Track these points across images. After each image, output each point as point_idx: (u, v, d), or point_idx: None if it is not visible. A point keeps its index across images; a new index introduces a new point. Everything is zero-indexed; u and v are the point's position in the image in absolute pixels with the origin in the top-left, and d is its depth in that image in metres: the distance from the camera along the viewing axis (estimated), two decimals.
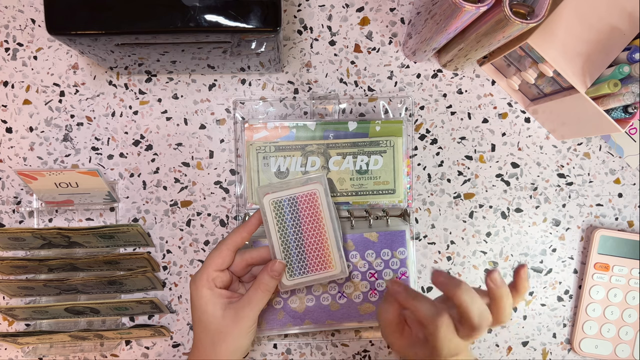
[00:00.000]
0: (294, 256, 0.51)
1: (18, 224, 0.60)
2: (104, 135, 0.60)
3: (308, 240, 0.51)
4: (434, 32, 0.50)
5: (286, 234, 0.51)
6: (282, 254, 0.51)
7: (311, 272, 0.51)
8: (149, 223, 0.60)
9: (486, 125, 0.62)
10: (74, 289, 0.57)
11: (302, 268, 0.51)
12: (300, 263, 0.51)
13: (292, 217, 0.51)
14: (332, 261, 0.51)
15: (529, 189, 0.62)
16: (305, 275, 0.51)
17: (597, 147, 0.63)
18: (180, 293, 0.60)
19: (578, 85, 0.50)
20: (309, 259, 0.51)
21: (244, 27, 0.44)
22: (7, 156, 0.59)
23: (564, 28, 0.50)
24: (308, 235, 0.51)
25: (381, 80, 0.61)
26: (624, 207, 0.63)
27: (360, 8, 0.61)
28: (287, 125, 0.57)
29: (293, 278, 0.51)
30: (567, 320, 0.62)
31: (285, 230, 0.51)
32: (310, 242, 0.51)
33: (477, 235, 0.62)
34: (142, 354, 0.60)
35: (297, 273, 0.51)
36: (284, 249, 0.51)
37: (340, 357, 0.61)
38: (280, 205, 0.51)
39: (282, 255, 0.51)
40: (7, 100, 0.59)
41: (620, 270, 0.61)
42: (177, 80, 0.60)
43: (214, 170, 0.60)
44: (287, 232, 0.51)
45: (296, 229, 0.51)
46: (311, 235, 0.51)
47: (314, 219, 0.51)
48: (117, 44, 0.47)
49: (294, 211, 0.51)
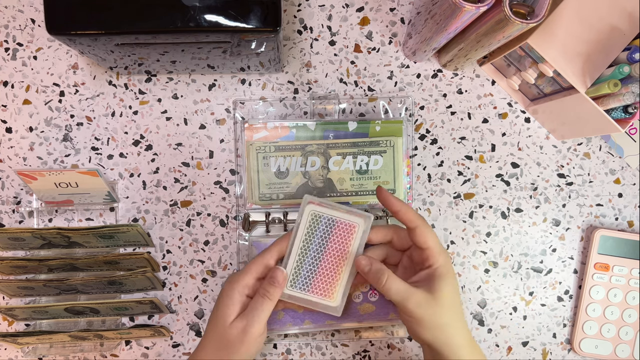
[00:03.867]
0: (304, 271, 0.50)
1: (18, 224, 0.60)
2: (104, 135, 0.60)
3: (324, 264, 0.50)
4: (434, 32, 0.50)
5: (308, 248, 0.50)
6: (294, 264, 0.50)
7: (312, 292, 0.50)
8: (149, 223, 0.60)
9: (486, 125, 0.62)
10: (73, 289, 0.57)
11: (305, 285, 0.50)
12: (306, 280, 0.50)
13: (322, 236, 0.50)
14: (335, 294, 0.50)
15: (529, 189, 0.62)
16: (305, 293, 0.50)
17: (597, 147, 0.63)
18: (180, 293, 0.60)
19: (578, 85, 0.50)
20: (316, 280, 0.50)
21: (244, 27, 0.44)
22: (7, 156, 0.59)
23: (564, 28, 0.50)
24: (327, 260, 0.50)
25: (381, 80, 0.61)
26: (624, 207, 0.63)
27: (360, 8, 0.61)
28: (287, 125, 0.57)
29: (292, 289, 0.50)
30: (567, 320, 0.62)
31: (309, 243, 0.50)
32: (325, 267, 0.50)
33: (477, 235, 0.62)
34: (142, 354, 0.60)
35: (298, 287, 0.50)
36: (299, 260, 0.50)
37: (340, 357, 0.61)
38: (317, 220, 0.50)
39: (293, 265, 0.50)
40: (7, 100, 0.59)
41: (620, 270, 0.61)
42: (177, 80, 0.60)
43: (214, 170, 0.60)
44: (310, 247, 0.50)
45: (319, 248, 0.50)
46: (330, 261, 0.50)
47: (340, 249, 0.50)
48: (117, 44, 0.47)
49: (326, 231, 0.50)
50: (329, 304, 0.50)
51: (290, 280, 0.50)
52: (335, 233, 0.50)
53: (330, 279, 0.50)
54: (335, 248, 0.50)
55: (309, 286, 0.50)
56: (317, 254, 0.50)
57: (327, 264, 0.50)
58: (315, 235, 0.50)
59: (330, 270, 0.50)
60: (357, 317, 0.57)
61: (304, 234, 0.50)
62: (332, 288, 0.50)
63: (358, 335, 0.60)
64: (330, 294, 0.50)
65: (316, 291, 0.50)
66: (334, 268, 0.50)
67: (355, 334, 0.60)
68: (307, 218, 0.50)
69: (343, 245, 0.50)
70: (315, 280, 0.50)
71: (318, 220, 0.50)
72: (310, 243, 0.50)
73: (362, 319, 0.57)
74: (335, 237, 0.50)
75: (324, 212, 0.50)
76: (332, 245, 0.50)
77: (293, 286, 0.50)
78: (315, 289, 0.50)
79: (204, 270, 0.60)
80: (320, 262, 0.50)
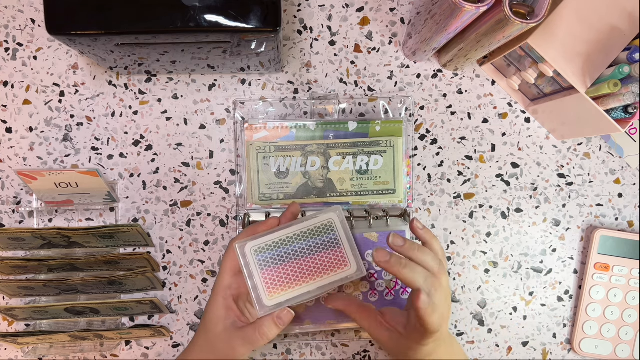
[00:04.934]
0: (271, 253, 0.50)
1: (18, 224, 0.60)
2: (104, 135, 0.60)
3: (294, 266, 0.50)
4: (434, 32, 0.50)
5: (294, 241, 0.50)
6: (269, 240, 0.49)
7: (262, 276, 0.49)
8: (149, 223, 0.60)
9: (486, 125, 0.62)
10: (73, 289, 0.57)
11: (262, 264, 0.49)
12: (267, 261, 0.49)
13: (316, 245, 0.50)
14: (277, 295, 0.49)
15: (529, 189, 0.62)
16: (258, 271, 0.49)
17: (597, 147, 0.63)
18: (180, 293, 0.60)
19: (578, 85, 0.50)
20: (273, 269, 0.49)
21: (244, 27, 0.44)
22: (7, 156, 0.59)
23: (564, 28, 0.50)
24: (300, 264, 0.50)
25: (381, 80, 0.61)
26: (624, 207, 0.63)
27: (360, 8, 0.61)
28: (287, 125, 0.57)
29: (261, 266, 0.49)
30: (567, 321, 0.62)
31: (299, 240, 0.50)
32: (293, 268, 0.50)
33: (477, 235, 0.62)
34: (142, 354, 0.60)
35: (258, 259, 0.49)
36: (276, 242, 0.49)
37: (340, 357, 0.61)
38: (326, 230, 0.51)
39: (268, 241, 0.49)
40: (7, 100, 0.59)
41: (620, 270, 0.61)
42: (177, 80, 0.60)
43: (214, 170, 0.60)
44: (296, 242, 0.50)
45: (303, 250, 0.50)
46: (301, 268, 0.50)
47: (319, 268, 0.50)
48: (117, 44, 0.47)
49: (324, 245, 0.50)
50: (263, 300, 0.48)
51: (256, 250, 0.49)
52: (329, 254, 0.50)
53: (286, 281, 0.49)
54: (316, 263, 0.49)
55: (264, 268, 0.49)
56: (296, 252, 0.49)
57: (297, 268, 0.49)
58: (312, 238, 0.50)
59: (294, 275, 0.49)
60: None
61: (303, 229, 0.50)
62: (279, 288, 0.49)
63: (358, 335, 0.60)
64: (274, 291, 0.48)
65: (266, 278, 0.49)
66: (298, 276, 0.49)
67: (355, 334, 0.60)
68: (320, 220, 0.50)
69: (324, 268, 0.49)
70: (273, 268, 0.49)
71: (327, 230, 0.50)
72: (300, 240, 0.49)
73: None
74: (324, 256, 0.50)
75: (338, 230, 0.50)
76: (315, 258, 0.49)
77: (256, 254, 0.49)
78: (266, 275, 0.49)
79: (204, 270, 0.60)
80: (294, 261, 0.49)
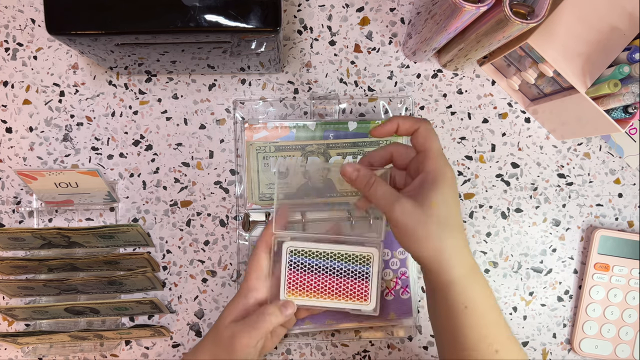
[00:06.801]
0: (303, 257, 0.52)
1: (18, 224, 0.60)
2: (104, 135, 0.60)
3: (320, 278, 0.52)
4: (434, 32, 0.50)
5: (327, 257, 0.52)
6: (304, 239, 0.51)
7: (288, 271, 0.52)
8: (149, 223, 0.60)
9: (486, 125, 0.62)
10: (73, 289, 0.57)
11: (294, 263, 0.52)
12: (298, 263, 0.51)
13: (342, 268, 0.52)
14: (295, 300, 0.51)
15: (529, 189, 0.62)
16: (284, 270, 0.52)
17: (597, 147, 0.63)
18: (180, 293, 0.60)
19: (578, 85, 0.50)
20: (301, 275, 0.52)
21: (244, 27, 0.44)
22: (7, 156, 0.59)
23: (564, 28, 0.50)
24: (324, 277, 0.52)
25: (381, 80, 0.61)
26: (624, 207, 0.63)
27: (360, 8, 0.61)
28: (287, 125, 0.57)
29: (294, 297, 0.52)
30: (567, 321, 0.62)
31: (329, 258, 0.52)
32: (319, 280, 0.52)
33: (477, 235, 0.62)
34: (142, 354, 0.60)
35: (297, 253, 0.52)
36: (312, 251, 0.51)
37: (340, 357, 0.61)
38: (363, 260, 0.52)
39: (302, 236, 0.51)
40: (7, 100, 0.59)
41: (620, 270, 0.61)
42: (177, 80, 0.60)
43: (214, 170, 0.60)
44: (327, 258, 0.52)
45: (329, 267, 0.52)
46: (325, 281, 0.52)
47: (340, 290, 0.52)
48: (117, 44, 0.47)
49: (360, 270, 0.52)
50: (280, 295, 0.51)
51: (292, 251, 0.51)
52: (356, 283, 0.51)
53: (307, 289, 0.51)
54: (340, 286, 0.51)
55: (292, 269, 0.51)
56: (327, 269, 0.51)
57: (322, 283, 0.51)
58: (346, 263, 0.51)
59: (317, 288, 0.51)
60: (357, 317, 0.57)
61: (342, 251, 0.51)
62: (298, 293, 0.51)
63: (358, 335, 0.60)
64: (292, 293, 0.51)
65: (290, 279, 0.51)
66: (320, 290, 0.51)
67: (355, 334, 0.60)
68: (361, 250, 0.51)
69: (346, 293, 0.51)
70: (300, 273, 0.51)
71: (364, 261, 0.51)
72: (335, 259, 0.51)
73: (362, 319, 0.57)
74: (351, 283, 0.51)
75: (373, 266, 0.51)
76: (342, 282, 0.51)
77: (291, 254, 0.51)
78: (291, 276, 0.51)
79: (204, 270, 0.60)
80: (322, 276, 0.51)
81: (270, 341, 0.53)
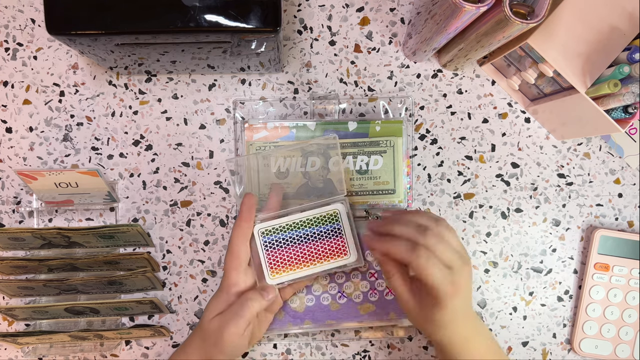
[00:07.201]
0: (275, 236, 0.53)
1: (18, 224, 0.60)
2: (104, 135, 0.60)
3: (295, 249, 0.53)
4: (434, 32, 0.50)
5: (298, 227, 0.54)
6: (274, 224, 0.53)
7: (266, 257, 0.53)
8: (149, 223, 0.60)
9: (486, 125, 0.62)
10: (73, 289, 0.57)
11: (267, 246, 0.53)
12: (271, 244, 0.53)
13: (320, 232, 0.53)
14: (275, 277, 0.53)
15: (529, 189, 0.62)
16: (262, 252, 0.53)
17: (597, 147, 0.63)
18: (180, 293, 0.60)
19: (578, 85, 0.50)
20: (277, 252, 0.53)
21: (244, 27, 0.44)
22: (7, 156, 0.59)
23: (564, 28, 0.50)
24: (300, 248, 0.54)
25: (381, 80, 0.61)
26: (624, 207, 0.63)
27: (360, 8, 0.61)
28: (287, 125, 0.57)
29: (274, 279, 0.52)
30: (567, 321, 0.62)
31: (303, 226, 0.54)
32: (292, 252, 0.53)
33: (477, 235, 0.62)
34: (142, 354, 0.60)
35: (265, 242, 0.53)
36: (280, 226, 0.53)
37: (340, 357, 0.61)
38: (330, 219, 0.53)
39: (271, 226, 0.53)
40: (7, 100, 0.59)
41: (620, 270, 0.61)
42: (177, 80, 0.60)
43: (214, 170, 0.60)
44: (299, 228, 0.53)
45: (306, 236, 0.54)
46: (301, 251, 0.53)
47: (319, 255, 0.54)
48: (117, 44, 0.47)
49: (327, 234, 0.53)
50: (266, 279, 0.52)
51: (263, 232, 0.52)
52: (331, 242, 0.52)
53: (289, 263, 0.52)
54: (318, 249, 0.52)
55: (269, 249, 0.52)
56: (300, 238, 0.52)
57: (300, 252, 0.53)
58: (316, 226, 0.52)
59: (297, 258, 0.52)
60: (357, 317, 0.57)
61: (309, 216, 0.52)
62: (281, 269, 0.52)
63: (358, 335, 0.60)
64: (276, 271, 0.52)
65: (270, 259, 0.52)
66: (300, 259, 0.53)
67: (355, 334, 0.60)
68: (326, 210, 0.52)
69: (325, 254, 0.53)
70: (277, 250, 0.52)
71: (332, 220, 0.52)
72: (305, 226, 0.52)
73: (362, 319, 0.57)
74: (327, 244, 0.52)
75: (342, 221, 0.52)
76: (318, 245, 0.52)
77: (263, 236, 0.52)
78: (270, 256, 0.52)
79: (204, 270, 0.60)
80: (297, 245, 0.53)
81: (258, 329, 0.53)
